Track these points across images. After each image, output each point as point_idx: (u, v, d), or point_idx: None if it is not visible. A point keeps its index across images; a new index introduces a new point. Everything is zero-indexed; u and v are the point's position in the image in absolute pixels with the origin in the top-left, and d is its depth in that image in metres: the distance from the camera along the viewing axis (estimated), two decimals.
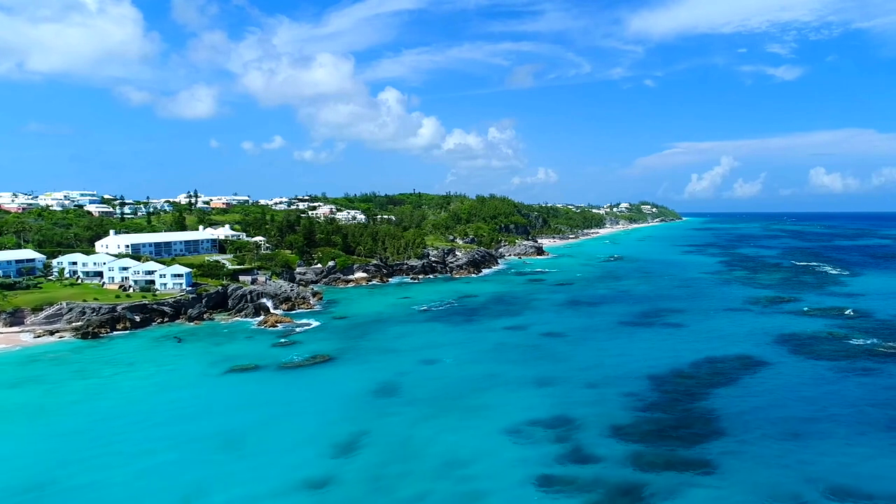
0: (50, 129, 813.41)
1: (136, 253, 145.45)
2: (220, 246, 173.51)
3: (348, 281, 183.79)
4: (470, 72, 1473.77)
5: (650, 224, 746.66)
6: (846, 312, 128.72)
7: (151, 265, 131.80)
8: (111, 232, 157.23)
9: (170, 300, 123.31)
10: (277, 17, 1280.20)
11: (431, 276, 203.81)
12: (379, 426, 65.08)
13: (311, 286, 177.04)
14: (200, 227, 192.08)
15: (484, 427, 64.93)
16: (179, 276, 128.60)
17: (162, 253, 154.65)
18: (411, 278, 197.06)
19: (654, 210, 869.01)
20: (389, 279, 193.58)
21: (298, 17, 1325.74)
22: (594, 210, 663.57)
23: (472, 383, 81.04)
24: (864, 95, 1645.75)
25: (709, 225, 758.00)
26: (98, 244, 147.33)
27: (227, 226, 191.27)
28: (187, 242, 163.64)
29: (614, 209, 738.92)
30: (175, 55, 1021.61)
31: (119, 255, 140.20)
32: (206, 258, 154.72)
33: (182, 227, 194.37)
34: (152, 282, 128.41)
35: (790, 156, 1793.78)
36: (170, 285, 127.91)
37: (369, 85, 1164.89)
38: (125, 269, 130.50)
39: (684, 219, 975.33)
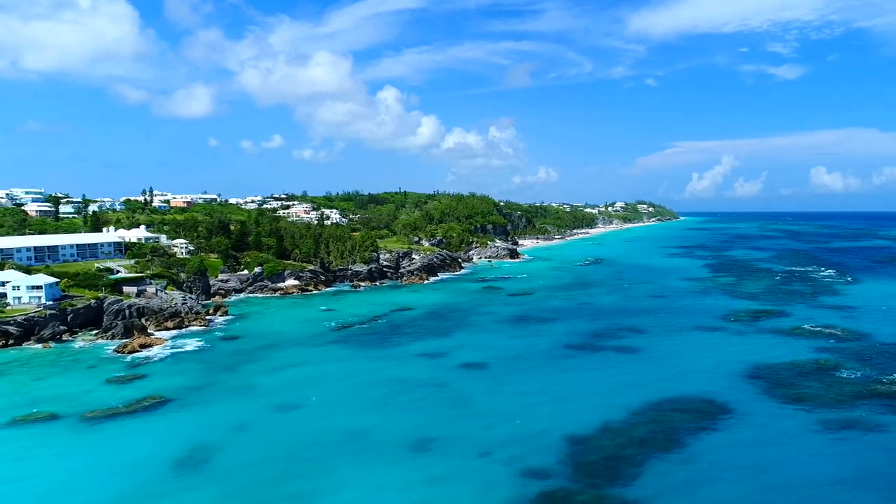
0: (48, 127, 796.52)
1: (6, 259, 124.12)
2: (125, 250, 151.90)
3: (277, 290, 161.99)
4: (470, 71, 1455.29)
5: (645, 224, 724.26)
6: (838, 332, 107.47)
7: (7, 274, 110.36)
8: None
9: (19, 318, 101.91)
10: (278, 16, 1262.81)
11: (378, 283, 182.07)
12: None
13: (233, 295, 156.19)
14: (111, 228, 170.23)
15: None
16: (37, 287, 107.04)
17: (46, 259, 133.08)
18: (353, 286, 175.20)
19: (650, 209, 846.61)
20: (328, 287, 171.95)
21: (299, 16, 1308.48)
22: (588, 209, 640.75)
23: (323, 447, 59.65)
24: (866, 94, 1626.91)
25: (705, 225, 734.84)
26: None
27: (142, 227, 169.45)
28: (81, 246, 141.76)
29: (609, 208, 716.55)
30: (171, 54, 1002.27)
31: None
32: (97, 265, 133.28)
33: (96, 227, 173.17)
34: (4, 294, 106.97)
35: (791, 155, 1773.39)
36: (25, 299, 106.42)
37: (370, 84, 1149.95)
38: None
39: (682, 218, 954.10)
